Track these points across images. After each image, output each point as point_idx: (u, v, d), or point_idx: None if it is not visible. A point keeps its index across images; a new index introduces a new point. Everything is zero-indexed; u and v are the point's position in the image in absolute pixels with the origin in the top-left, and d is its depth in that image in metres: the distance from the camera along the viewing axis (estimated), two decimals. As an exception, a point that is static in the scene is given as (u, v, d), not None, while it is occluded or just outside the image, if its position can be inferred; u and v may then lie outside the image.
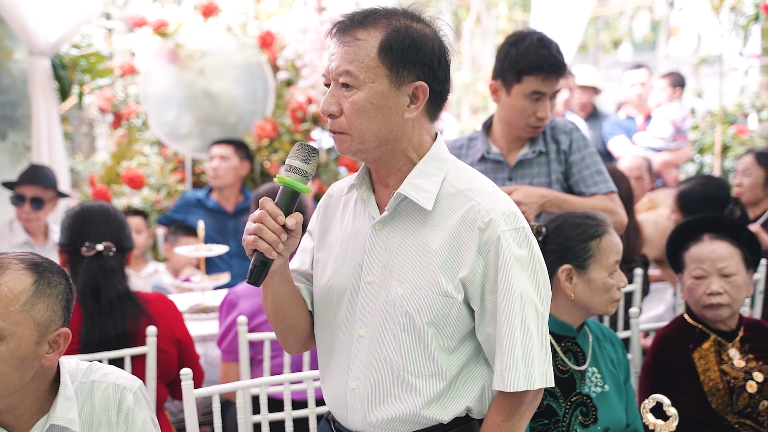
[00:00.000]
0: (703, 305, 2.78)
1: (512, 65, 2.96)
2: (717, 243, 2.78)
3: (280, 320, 2.03)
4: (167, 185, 5.53)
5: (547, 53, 2.93)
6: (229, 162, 5.11)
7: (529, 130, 3.06)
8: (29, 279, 1.84)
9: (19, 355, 1.80)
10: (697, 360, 2.79)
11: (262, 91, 5.67)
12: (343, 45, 1.83)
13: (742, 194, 4.30)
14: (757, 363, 2.80)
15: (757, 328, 2.93)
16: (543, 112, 3.01)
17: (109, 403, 1.96)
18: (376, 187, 1.96)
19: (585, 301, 2.48)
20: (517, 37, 3.01)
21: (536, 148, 3.12)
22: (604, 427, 2.48)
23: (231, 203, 5.20)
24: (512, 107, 3.02)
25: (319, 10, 5.49)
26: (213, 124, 5.68)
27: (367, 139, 1.83)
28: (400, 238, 1.88)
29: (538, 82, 2.95)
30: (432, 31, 1.87)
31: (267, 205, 1.82)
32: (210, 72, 5.64)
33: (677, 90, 6.63)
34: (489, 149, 3.14)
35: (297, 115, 5.50)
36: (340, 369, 1.96)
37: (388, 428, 1.89)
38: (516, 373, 1.80)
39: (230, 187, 5.17)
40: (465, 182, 1.89)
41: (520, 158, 3.12)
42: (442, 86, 1.88)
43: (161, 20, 5.53)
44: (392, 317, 1.86)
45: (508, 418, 1.85)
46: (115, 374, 2.01)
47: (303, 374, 2.60)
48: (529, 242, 1.85)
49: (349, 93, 1.82)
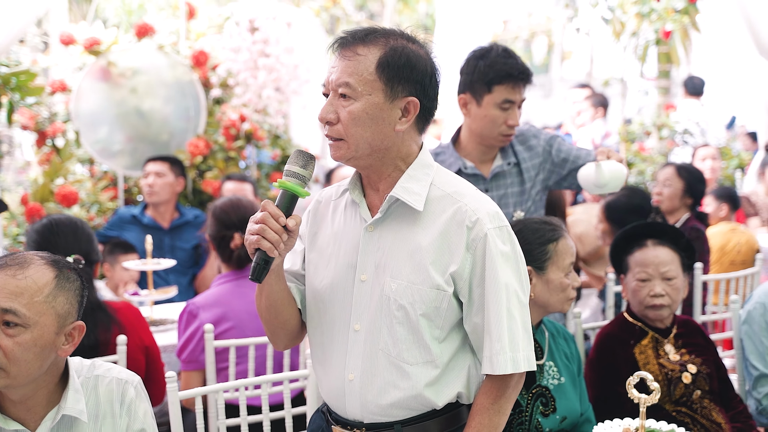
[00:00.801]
0: (646, 306, 3.03)
1: (481, 77, 3.05)
2: (659, 248, 3.04)
3: (273, 316, 2.16)
4: (99, 202, 5.53)
5: (514, 62, 3.04)
6: (164, 178, 5.17)
7: (501, 138, 3.16)
8: (51, 273, 1.98)
9: (41, 343, 1.93)
10: (637, 355, 3.04)
11: (194, 109, 5.74)
12: (344, 59, 2.00)
13: (661, 203, 4.63)
14: (689, 356, 3.07)
15: (688, 325, 3.20)
16: (513, 119, 3.11)
17: (112, 396, 2.10)
18: (366, 192, 2.12)
19: (544, 301, 2.70)
20: (483, 51, 3.10)
21: (509, 159, 3.23)
22: (562, 416, 2.70)
23: (166, 219, 5.25)
24: (484, 117, 3.11)
25: (252, 31, 5.61)
26: (145, 141, 5.72)
27: (361, 146, 2.00)
28: (392, 238, 2.04)
29: (508, 90, 3.05)
30: (425, 51, 2.05)
31: (269, 207, 1.97)
32: (142, 90, 5.68)
33: (599, 110, 7.00)
34: (465, 164, 3.21)
35: (230, 132, 5.59)
36: (337, 362, 2.10)
37: (386, 414, 2.05)
38: (504, 357, 1.98)
39: (165, 204, 5.22)
40: (450, 186, 2.07)
41: (495, 170, 3.22)
42: (431, 103, 2.06)
43: (94, 38, 5.55)
44: (387, 311, 2.02)
45: (496, 401, 2.03)
46: (117, 369, 2.15)
47: (282, 375, 2.73)
48: (511, 239, 2.05)
49: (346, 103, 1.99)
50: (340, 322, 2.10)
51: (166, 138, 5.78)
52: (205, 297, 3.48)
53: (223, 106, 5.78)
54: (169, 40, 5.74)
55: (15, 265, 1.96)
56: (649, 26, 7.70)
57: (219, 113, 5.80)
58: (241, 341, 3.23)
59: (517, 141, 3.27)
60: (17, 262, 1.97)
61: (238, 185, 5.17)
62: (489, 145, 3.21)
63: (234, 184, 5.17)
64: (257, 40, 5.56)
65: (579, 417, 2.78)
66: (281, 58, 5.57)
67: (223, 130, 5.63)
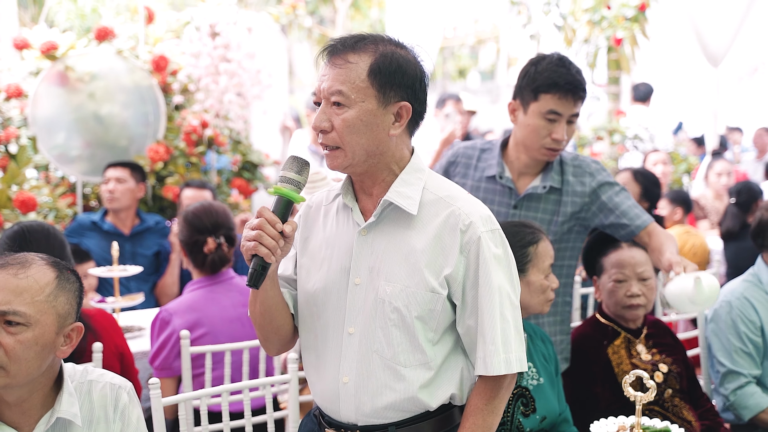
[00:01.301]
0: (622, 306, 3.10)
1: (530, 83, 2.91)
2: (634, 250, 3.11)
3: (268, 322, 2.17)
4: (57, 209, 5.44)
5: (565, 72, 2.86)
6: (125, 184, 5.11)
7: (545, 152, 2.95)
8: (52, 273, 1.99)
9: (42, 342, 1.94)
10: (611, 355, 3.10)
11: (154, 114, 5.69)
12: (335, 67, 2.01)
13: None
14: (660, 356, 3.14)
15: (657, 326, 3.28)
16: (559, 133, 2.90)
17: (106, 401, 2.10)
18: (359, 196, 2.14)
19: (525, 302, 2.74)
20: (539, 57, 2.95)
21: (547, 183, 3.01)
22: (542, 416, 2.75)
23: (127, 226, 5.19)
24: (527, 126, 2.94)
25: (212, 36, 5.58)
26: (103, 147, 5.64)
27: (358, 153, 2.01)
28: (386, 241, 2.06)
29: (555, 101, 2.87)
30: (413, 56, 2.07)
31: (265, 213, 1.97)
32: (100, 95, 5.60)
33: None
34: (503, 172, 3.05)
35: (192, 138, 5.55)
36: (330, 365, 2.11)
37: (380, 416, 2.07)
38: (498, 358, 2.02)
39: (126, 210, 5.16)
40: (443, 190, 2.10)
41: (530, 191, 3.02)
42: (421, 106, 2.09)
43: (51, 42, 5.46)
44: (382, 314, 2.03)
45: (490, 401, 2.06)
46: (109, 375, 2.15)
47: (267, 380, 2.73)
48: (503, 242, 2.09)
49: (340, 111, 2.00)
50: (333, 326, 2.11)
51: (125, 143, 5.71)
52: (177, 303, 3.46)
53: (183, 111, 5.73)
54: (128, 45, 5.67)
55: (16, 264, 1.96)
56: (600, 33, 7.86)
57: (179, 119, 5.75)
58: (217, 347, 3.22)
59: (570, 168, 3.06)
60: (18, 262, 1.97)
61: (197, 192, 5.13)
62: (532, 157, 3.01)
63: (193, 191, 5.13)
64: (218, 45, 5.53)
65: (558, 417, 2.83)
66: (243, 63, 5.55)
67: (183, 136, 5.59)
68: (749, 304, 3.33)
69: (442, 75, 20.16)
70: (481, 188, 3.09)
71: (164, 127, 5.71)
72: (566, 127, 2.92)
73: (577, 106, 2.90)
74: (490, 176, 3.06)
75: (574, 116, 2.92)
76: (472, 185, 3.10)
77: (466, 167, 3.12)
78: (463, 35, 17.16)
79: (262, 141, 6.20)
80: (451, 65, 21.88)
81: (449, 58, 21.21)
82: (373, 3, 12.22)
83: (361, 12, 12.49)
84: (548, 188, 3.01)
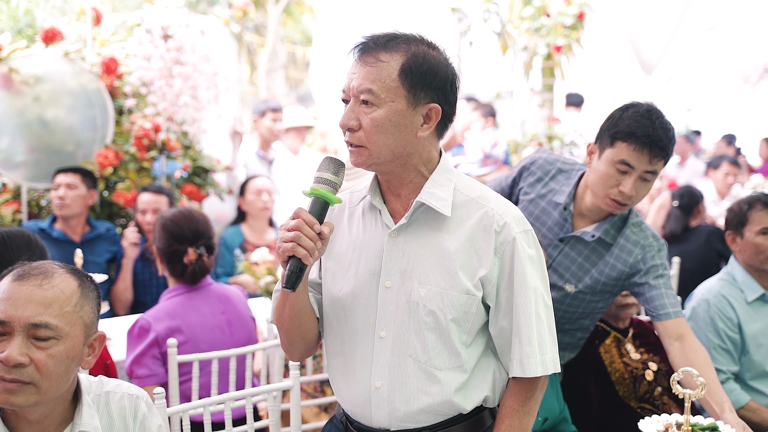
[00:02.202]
0: (618, 305, 3.15)
1: (610, 128, 2.75)
2: None
3: (296, 326, 2.12)
4: (0, 217, 5.23)
5: (648, 124, 2.67)
6: (76, 191, 4.95)
7: (609, 202, 2.77)
8: (75, 282, 1.91)
9: (72, 354, 1.87)
10: (603, 354, 3.15)
11: (101, 118, 5.51)
12: (366, 65, 1.97)
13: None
14: (648, 355, 3.21)
15: (642, 326, 3.35)
16: (627, 187, 2.71)
17: (125, 412, 2.02)
18: (387, 198, 2.11)
19: None
20: (630, 104, 2.78)
21: (598, 233, 2.86)
22: (544, 417, 2.77)
23: (78, 233, 5.03)
24: (598, 172, 2.77)
25: (165, 38, 5.44)
26: (48, 152, 5.43)
27: (383, 153, 1.98)
28: (417, 243, 2.04)
29: (629, 151, 2.68)
30: (444, 58, 2.05)
31: (303, 214, 1.92)
32: (45, 98, 5.39)
33: (489, 119, 7.21)
34: (569, 205, 2.91)
35: (143, 142, 5.40)
36: (361, 370, 2.07)
37: (414, 420, 2.04)
38: (534, 360, 2.01)
39: (77, 217, 5.00)
40: (474, 191, 2.08)
41: (579, 233, 2.89)
42: (451, 109, 2.06)
43: (-6, 44, 5.25)
44: (416, 317, 2.01)
45: (525, 403, 2.06)
46: (125, 385, 2.07)
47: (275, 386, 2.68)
48: (536, 243, 2.08)
49: (369, 110, 1.96)
50: (363, 330, 2.07)
51: (72, 148, 5.51)
52: (156, 310, 3.36)
53: (133, 115, 5.57)
54: (74, 47, 5.48)
55: (39, 275, 1.86)
56: (539, 40, 8.01)
57: (127, 123, 5.59)
58: (205, 355, 3.14)
59: (629, 230, 2.89)
60: (40, 272, 1.87)
61: (154, 197, 5.02)
62: (596, 204, 2.85)
63: (150, 196, 5.01)
64: (171, 48, 5.40)
65: (558, 416, 2.85)
66: (198, 66, 5.43)
67: (134, 140, 5.43)
68: (726, 302, 3.42)
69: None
70: (541, 206, 2.98)
71: (112, 131, 5.54)
72: (638, 183, 2.72)
73: (653, 163, 2.70)
74: (557, 202, 2.94)
75: (649, 173, 2.71)
76: (534, 199, 3.00)
77: (537, 179, 3.00)
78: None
79: (212, 146, 6.07)
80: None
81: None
82: (305, 9, 12.18)
83: (293, 17, 12.43)
84: (597, 238, 2.87)
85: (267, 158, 6.76)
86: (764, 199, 3.49)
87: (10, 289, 1.83)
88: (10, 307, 1.80)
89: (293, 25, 12.95)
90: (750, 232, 3.44)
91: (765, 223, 3.43)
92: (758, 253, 3.42)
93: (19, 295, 1.82)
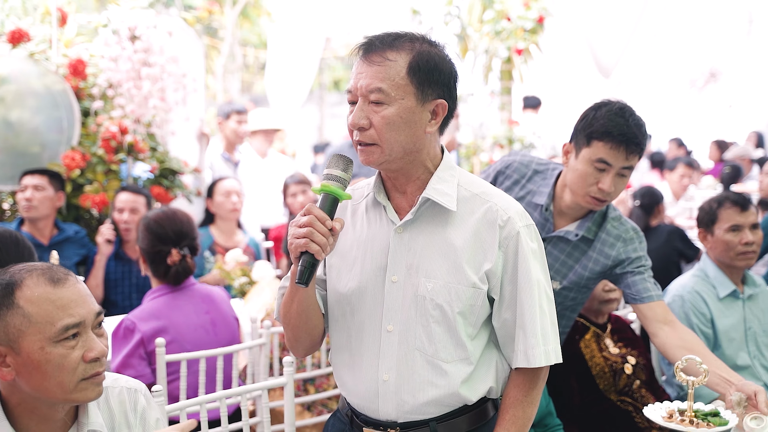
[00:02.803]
0: (601, 301, 3.22)
1: (585, 128, 2.80)
2: None
3: (304, 322, 2.14)
4: (-35, 220, 5.15)
5: (622, 122, 2.74)
6: (44, 192, 4.89)
7: (589, 200, 2.83)
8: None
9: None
10: (583, 348, 3.23)
11: (67, 120, 5.45)
12: (373, 64, 2.01)
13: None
14: (626, 349, 3.29)
15: (619, 321, 3.43)
16: (606, 184, 2.77)
17: (125, 406, 2.03)
18: (391, 195, 2.15)
19: None
20: (600, 103, 2.83)
21: (581, 232, 2.92)
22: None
23: (45, 236, 4.97)
24: (576, 171, 2.82)
25: (132, 39, 5.40)
26: (13, 154, 5.34)
27: (395, 150, 2.02)
28: (423, 239, 2.08)
29: (606, 150, 2.74)
30: (446, 54, 2.10)
31: (315, 210, 1.95)
32: (10, 99, 5.32)
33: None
34: (549, 205, 2.96)
35: (111, 144, 5.35)
36: (368, 364, 2.11)
37: (421, 412, 2.08)
38: (538, 350, 2.07)
39: (45, 219, 4.94)
40: (477, 187, 2.14)
41: (562, 233, 2.95)
42: (454, 104, 2.11)
43: (-43, 44, 5.16)
44: (423, 310, 2.05)
45: (528, 393, 2.12)
46: (123, 379, 2.08)
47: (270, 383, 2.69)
48: (538, 237, 2.14)
49: (379, 108, 2.00)
50: (370, 324, 2.11)
51: (37, 150, 5.43)
52: (140, 311, 3.35)
53: (99, 117, 5.51)
54: (39, 48, 5.42)
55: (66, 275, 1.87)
56: (500, 44, 8.11)
57: (93, 124, 5.53)
58: (192, 354, 3.14)
59: (609, 225, 2.95)
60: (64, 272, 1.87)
61: (132, 196, 4.96)
62: (576, 202, 2.90)
63: (129, 195, 4.96)
64: (138, 49, 5.36)
65: (544, 410, 2.92)
66: (167, 68, 5.40)
67: (101, 142, 5.38)
68: (700, 298, 3.53)
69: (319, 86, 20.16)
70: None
71: (78, 133, 5.48)
72: (616, 179, 2.78)
73: (629, 159, 2.76)
74: (537, 203, 2.98)
75: (625, 169, 2.78)
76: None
77: (514, 182, 3.05)
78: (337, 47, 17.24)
79: (179, 148, 6.03)
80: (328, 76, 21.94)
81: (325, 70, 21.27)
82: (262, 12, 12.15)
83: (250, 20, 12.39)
84: (580, 237, 2.92)
85: (232, 160, 6.75)
86: (733, 198, 3.60)
87: (61, 294, 1.83)
88: (78, 309, 1.83)
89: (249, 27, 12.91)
90: (720, 229, 3.55)
91: (734, 220, 3.54)
92: (728, 249, 3.53)
93: (72, 296, 1.83)
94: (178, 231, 3.41)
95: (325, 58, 20.82)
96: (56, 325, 1.79)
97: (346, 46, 18.84)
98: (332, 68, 23.43)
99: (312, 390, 3.72)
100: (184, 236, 3.42)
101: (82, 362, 1.81)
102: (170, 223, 3.41)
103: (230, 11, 10.59)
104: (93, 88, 5.46)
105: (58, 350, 1.79)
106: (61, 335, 1.79)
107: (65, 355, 1.80)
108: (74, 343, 1.81)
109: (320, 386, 3.76)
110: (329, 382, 3.78)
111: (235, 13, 10.70)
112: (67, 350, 1.80)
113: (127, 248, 4.90)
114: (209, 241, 5.51)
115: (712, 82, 15.11)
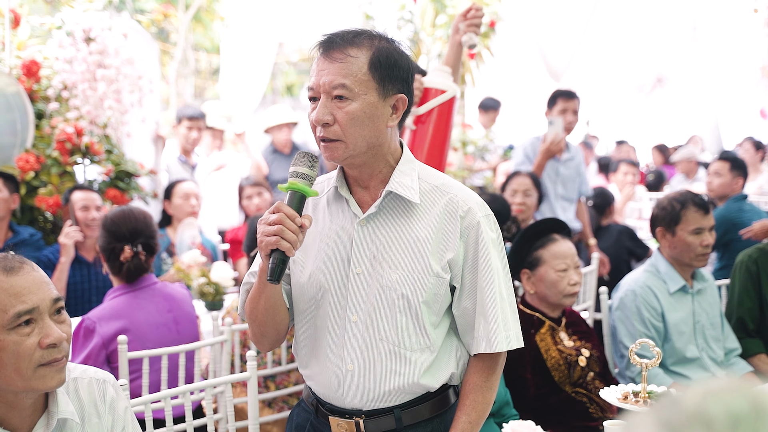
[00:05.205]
0: (564, 294, 3.30)
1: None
2: (566, 241, 3.34)
3: (271, 317, 2.19)
4: None
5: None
6: (-2, 195, 4.86)
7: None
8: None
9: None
10: (539, 342, 3.31)
11: (21, 122, 5.40)
12: (335, 61, 2.06)
13: (522, 212, 4.99)
14: (581, 342, 3.38)
15: (573, 315, 3.52)
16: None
17: (95, 396, 2.06)
18: (353, 189, 2.20)
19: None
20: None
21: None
22: (491, 400, 2.90)
23: (0, 239, 4.93)
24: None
25: (87, 41, 5.39)
26: (-35, 156, 5.30)
27: (359, 145, 2.08)
28: (387, 230, 2.14)
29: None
30: (402, 50, 2.17)
31: (284, 208, 1.99)
32: (-38, 102, 5.27)
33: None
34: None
35: (66, 146, 5.33)
36: (333, 354, 2.16)
37: (385, 400, 2.14)
38: (500, 336, 2.14)
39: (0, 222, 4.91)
40: (436, 179, 2.20)
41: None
42: (411, 98, 2.19)
43: None
44: (388, 300, 2.11)
45: (488, 378, 2.19)
46: (91, 370, 2.11)
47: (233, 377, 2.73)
48: (497, 226, 2.22)
49: (343, 104, 2.05)
50: (334, 315, 2.16)
51: (-10, 153, 5.39)
52: (101, 311, 3.36)
53: (54, 119, 5.48)
54: (-7, 49, 5.38)
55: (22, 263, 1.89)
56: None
57: (48, 127, 5.50)
58: (154, 351, 3.16)
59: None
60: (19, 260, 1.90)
61: (87, 194, 4.91)
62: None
63: (84, 193, 4.90)
64: (93, 51, 5.35)
65: (503, 399, 3.00)
66: (122, 69, 5.39)
67: (56, 145, 5.35)
68: (651, 293, 3.64)
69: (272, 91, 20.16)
70: None
71: (32, 135, 5.44)
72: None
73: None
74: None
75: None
76: None
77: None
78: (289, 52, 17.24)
79: (134, 150, 6.02)
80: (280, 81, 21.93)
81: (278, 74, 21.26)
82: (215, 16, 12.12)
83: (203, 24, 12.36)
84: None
85: (189, 163, 6.74)
86: (696, 200, 3.71)
87: (13, 282, 1.85)
88: (31, 296, 1.84)
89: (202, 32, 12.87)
90: (683, 231, 3.66)
91: (698, 223, 3.65)
92: (689, 251, 3.65)
93: (26, 283, 1.85)
94: (132, 229, 3.44)
95: (278, 63, 20.85)
96: (8, 312, 1.82)
97: (299, 51, 18.89)
98: (285, 73, 23.42)
99: (273, 387, 3.76)
100: (139, 234, 3.45)
101: (38, 348, 1.84)
102: (125, 221, 3.45)
103: (183, 15, 10.54)
104: (47, 90, 5.43)
105: (12, 337, 1.82)
106: (14, 322, 1.82)
107: (20, 342, 1.82)
108: (29, 330, 1.84)
109: (281, 383, 3.80)
110: (290, 379, 3.82)
111: (188, 18, 10.65)
112: (22, 337, 1.83)
113: (84, 251, 4.87)
114: (166, 242, 5.51)
115: (658, 87, 15.41)
